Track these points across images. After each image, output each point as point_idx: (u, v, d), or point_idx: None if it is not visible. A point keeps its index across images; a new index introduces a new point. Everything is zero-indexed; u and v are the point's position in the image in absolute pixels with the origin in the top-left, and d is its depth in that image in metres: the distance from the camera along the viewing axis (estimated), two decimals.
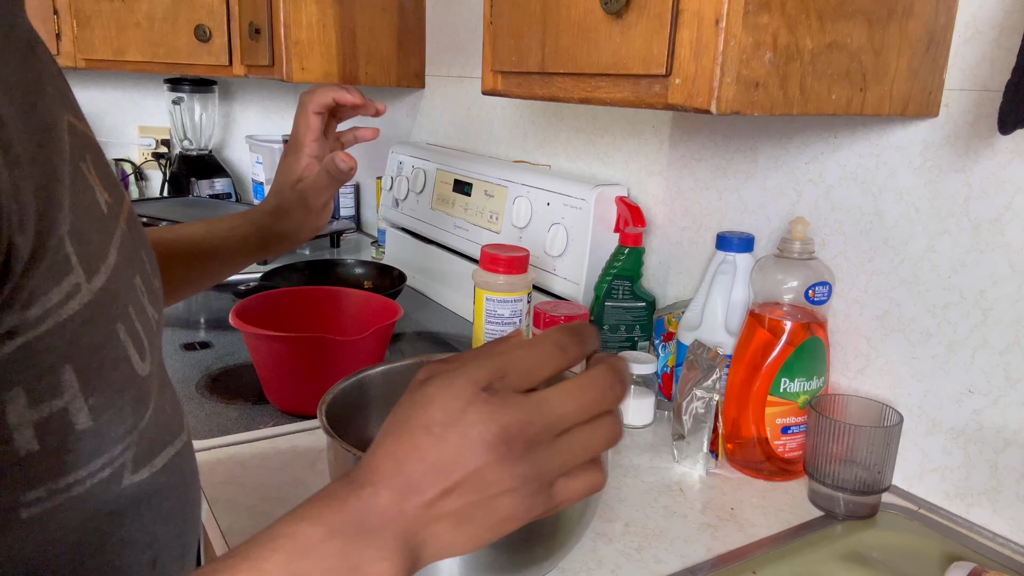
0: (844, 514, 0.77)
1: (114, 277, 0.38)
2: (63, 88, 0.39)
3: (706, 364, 0.84)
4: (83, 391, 0.36)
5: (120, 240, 0.40)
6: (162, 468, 0.44)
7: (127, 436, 0.40)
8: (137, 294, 0.41)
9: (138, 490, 0.42)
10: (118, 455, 0.39)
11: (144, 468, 0.42)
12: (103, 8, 1.60)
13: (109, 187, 0.41)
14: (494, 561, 0.59)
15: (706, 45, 0.57)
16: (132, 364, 0.39)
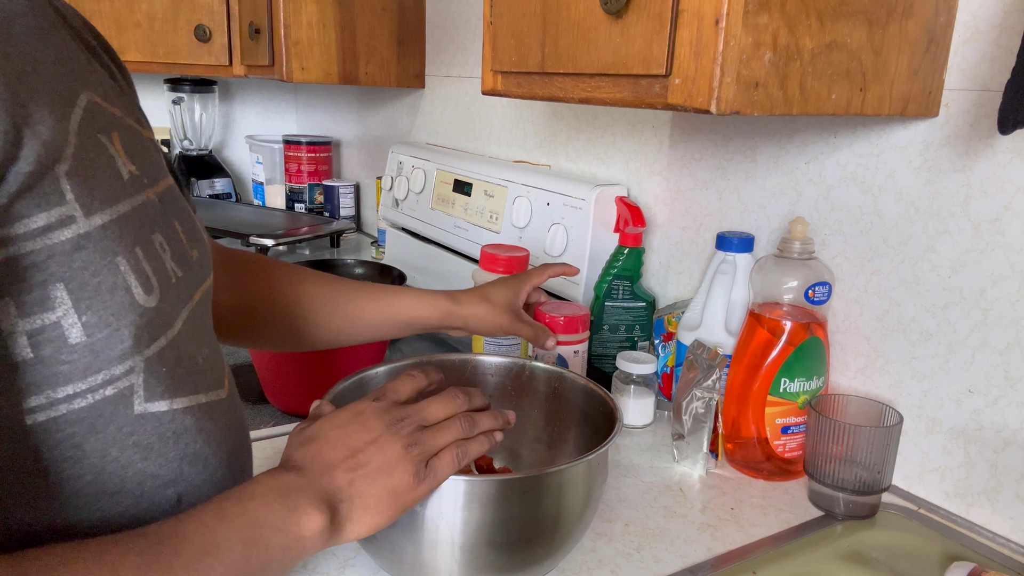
0: (844, 514, 0.77)
1: (121, 223, 0.44)
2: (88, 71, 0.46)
3: (706, 364, 0.84)
4: (76, 308, 0.41)
5: (142, 203, 0.47)
6: (187, 409, 0.48)
7: (127, 359, 0.44)
8: (154, 247, 0.47)
9: (158, 423, 0.46)
10: (120, 376, 0.43)
11: (161, 401, 0.46)
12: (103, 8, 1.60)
13: (141, 164, 0.48)
14: (494, 561, 0.59)
15: (706, 45, 0.57)
16: (132, 294, 0.44)
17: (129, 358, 0.44)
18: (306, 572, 0.65)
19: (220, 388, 0.53)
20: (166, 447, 0.47)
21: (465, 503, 0.57)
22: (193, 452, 0.49)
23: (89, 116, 0.44)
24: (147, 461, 0.46)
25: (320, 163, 2.09)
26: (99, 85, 0.47)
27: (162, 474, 0.47)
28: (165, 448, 0.47)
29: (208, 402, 0.51)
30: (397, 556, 0.60)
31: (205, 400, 0.51)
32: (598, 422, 0.71)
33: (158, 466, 0.47)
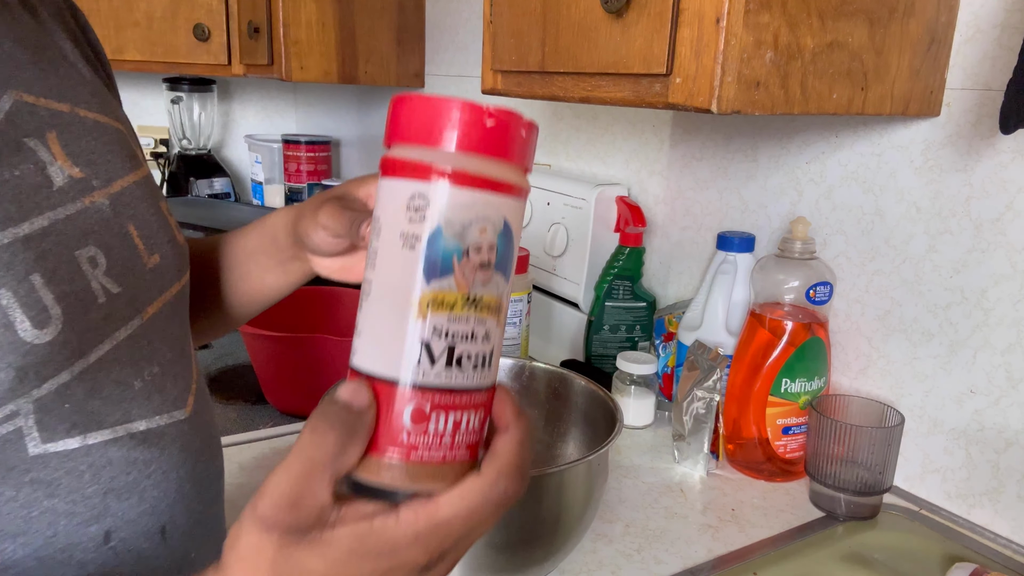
0: (845, 515, 0.76)
1: (20, 245, 0.39)
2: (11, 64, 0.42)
3: (707, 364, 0.84)
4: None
5: (75, 212, 0.42)
6: (112, 441, 0.43)
7: (6, 403, 0.39)
8: (75, 264, 0.41)
9: (66, 459, 0.41)
10: (2, 420, 0.39)
11: (68, 438, 0.42)
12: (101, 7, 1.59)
13: (90, 163, 0.44)
14: (494, 562, 0.59)
15: (707, 44, 0.57)
16: (14, 331, 0.38)
17: (9, 402, 0.39)
18: None
19: (178, 408, 0.48)
20: (80, 483, 0.42)
21: None
22: (124, 485, 0.44)
23: (10, 120, 0.40)
24: (55, 499, 0.41)
25: (319, 163, 2.09)
26: (38, 80, 0.43)
27: (79, 511, 0.42)
28: (79, 484, 0.42)
29: (152, 428, 0.46)
30: None
31: (146, 427, 0.45)
32: (598, 422, 0.71)
33: (71, 503, 0.42)
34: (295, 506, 0.31)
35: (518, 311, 1.01)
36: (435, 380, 0.33)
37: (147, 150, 2.13)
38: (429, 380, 0.32)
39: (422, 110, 0.33)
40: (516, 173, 0.34)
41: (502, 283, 0.34)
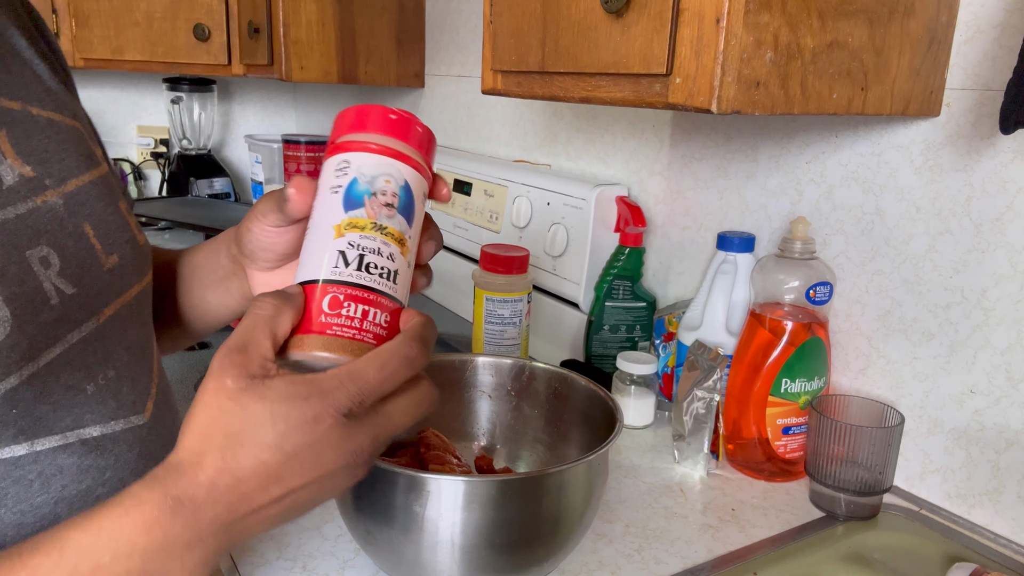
0: (845, 515, 0.76)
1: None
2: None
3: (707, 364, 0.84)
4: None
5: (26, 212, 0.41)
6: (63, 447, 0.42)
7: None
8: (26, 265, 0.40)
9: (13, 467, 0.40)
10: None
11: (15, 444, 0.40)
12: (102, 7, 1.59)
13: (43, 161, 0.43)
14: (494, 562, 0.59)
15: (707, 44, 0.57)
16: None
17: None
18: (305, 573, 0.65)
19: (136, 414, 0.47)
20: (29, 492, 0.41)
21: (465, 504, 0.56)
22: (76, 493, 0.43)
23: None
24: (2, 509, 0.40)
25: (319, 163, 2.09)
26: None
27: (28, 522, 0.41)
28: (27, 493, 0.41)
29: (107, 434, 0.44)
30: (397, 557, 0.60)
31: (100, 433, 0.44)
32: (598, 422, 0.71)
33: (19, 513, 0.41)
34: (242, 351, 0.39)
35: (518, 311, 1.01)
36: (348, 278, 0.43)
37: (147, 150, 2.13)
38: (343, 277, 0.43)
39: (351, 113, 0.46)
40: (412, 150, 0.46)
41: (404, 225, 0.45)
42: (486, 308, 1.00)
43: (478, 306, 1.01)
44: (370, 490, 0.58)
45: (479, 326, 1.01)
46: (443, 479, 0.58)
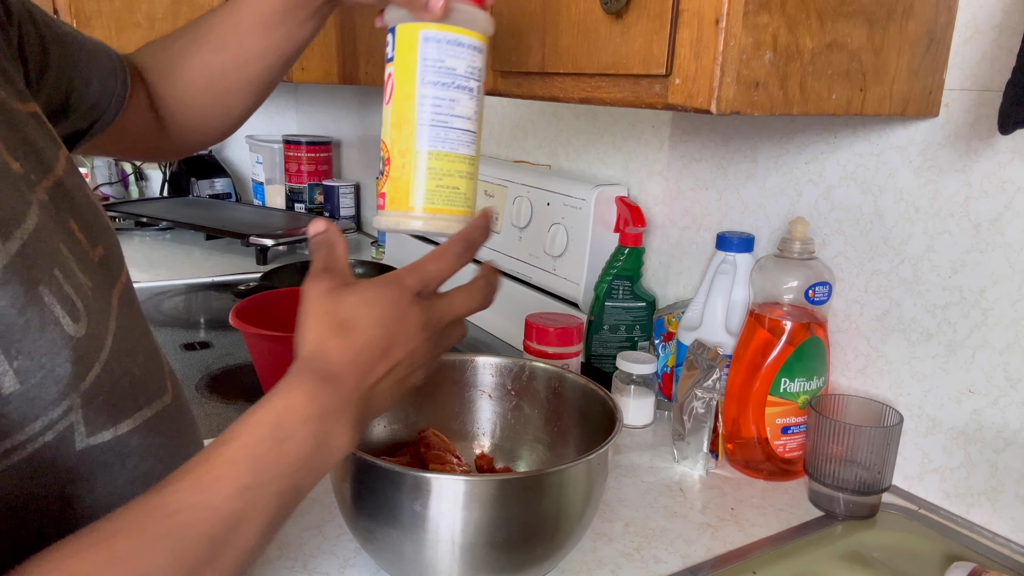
0: (844, 514, 0.77)
1: (35, 239, 0.39)
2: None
3: (706, 364, 0.84)
4: (6, 355, 0.37)
5: (40, 207, 0.42)
6: (132, 431, 0.45)
7: (65, 398, 0.39)
8: (66, 261, 0.42)
9: (101, 453, 0.42)
10: (59, 418, 0.39)
11: (105, 431, 0.42)
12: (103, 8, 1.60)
13: (25, 155, 0.42)
14: (494, 561, 0.59)
15: (706, 45, 0.57)
16: (62, 326, 0.39)
17: (66, 397, 0.39)
18: (306, 572, 0.65)
19: (163, 394, 0.49)
20: (110, 475, 0.43)
21: (465, 503, 0.57)
22: (143, 473, 0.45)
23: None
24: (93, 494, 0.42)
25: (320, 163, 2.09)
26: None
27: (113, 504, 0.42)
28: (110, 477, 0.43)
29: (154, 415, 0.47)
30: (397, 556, 0.60)
31: (151, 413, 0.47)
32: (598, 422, 0.71)
33: (107, 496, 0.43)
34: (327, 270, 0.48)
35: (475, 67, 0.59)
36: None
37: None
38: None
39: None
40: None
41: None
42: (423, 55, 0.54)
43: (406, 54, 0.55)
44: (370, 490, 0.59)
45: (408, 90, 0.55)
46: (443, 479, 0.58)
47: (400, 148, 0.54)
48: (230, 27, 0.63)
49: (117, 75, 0.62)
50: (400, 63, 0.54)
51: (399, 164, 0.54)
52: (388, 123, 0.54)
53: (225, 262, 1.70)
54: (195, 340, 1.25)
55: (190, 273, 1.59)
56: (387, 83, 0.54)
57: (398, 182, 0.54)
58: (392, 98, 0.54)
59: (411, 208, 0.54)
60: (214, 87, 0.66)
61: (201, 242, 1.87)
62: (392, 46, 0.55)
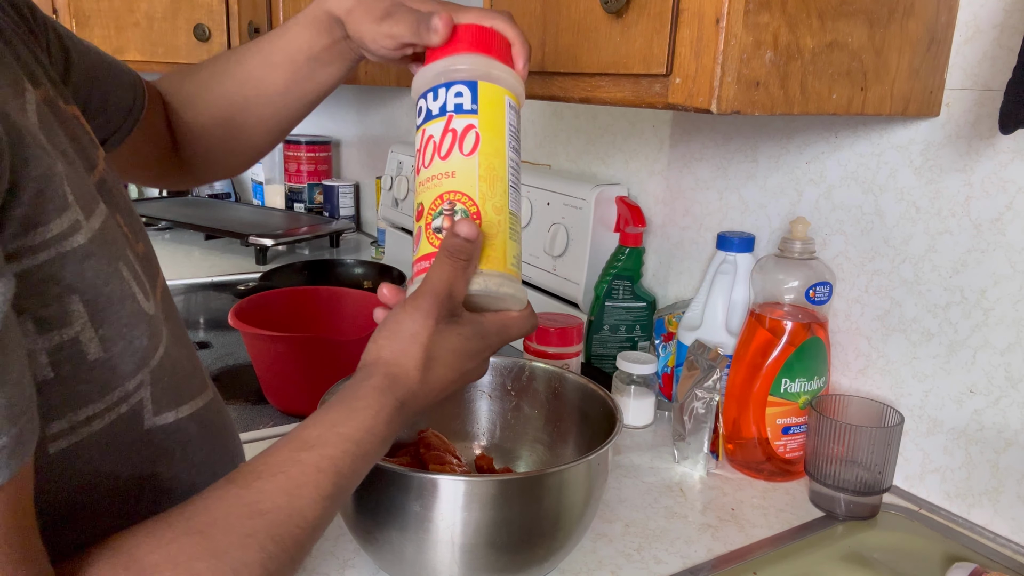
0: (845, 515, 0.76)
1: (108, 223, 0.41)
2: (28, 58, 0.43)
3: (706, 364, 0.84)
4: (92, 322, 0.38)
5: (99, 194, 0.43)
6: (189, 416, 0.46)
7: (139, 371, 0.41)
8: (128, 243, 0.44)
9: (166, 435, 0.44)
10: (132, 391, 0.41)
11: (168, 412, 0.44)
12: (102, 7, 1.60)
13: (76, 152, 0.43)
14: (495, 561, 0.59)
15: (707, 44, 0.57)
16: (138, 301, 0.41)
17: (139, 371, 0.41)
18: (306, 573, 0.65)
19: (206, 388, 0.51)
20: (172, 460, 0.44)
21: (465, 503, 0.57)
22: (200, 461, 0.47)
23: (40, 108, 0.40)
24: (159, 475, 0.43)
25: (319, 163, 2.09)
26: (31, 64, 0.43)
27: (176, 487, 0.44)
28: (171, 462, 0.44)
29: (203, 405, 0.49)
30: (397, 556, 0.60)
31: (202, 404, 0.48)
32: (598, 422, 0.71)
33: (171, 477, 0.44)
34: (449, 298, 0.51)
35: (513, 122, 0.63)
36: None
37: None
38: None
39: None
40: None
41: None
42: (508, 120, 0.55)
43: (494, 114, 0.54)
44: (370, 490, 0.58)
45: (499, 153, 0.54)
46: (443, 479, 0.58)
47: (495, 204, 0.53)
48: (257, 63, 0.65)
49: (136, 92, 0.63)
50: (487, 119, 0.54)
51: (494, 221, 0.53)
52: (473, 174, 0.53)
53: (224, 262, 1.70)
54: (194, 340, 1.25)
55: (189, 273, 1.59)
56: (463, 134, 0.53)
57: (494, 240, 0.53)
58: (479, 152, 0.53)
59: (508, 270, 0.54)
60: (234, 119, 0.68)
61: (200, 242, 1.87)
62: (474, 99, 0.53)
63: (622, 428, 0.65)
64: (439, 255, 0.51)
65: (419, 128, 0.56)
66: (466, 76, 0.53)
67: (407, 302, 0.51)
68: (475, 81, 0.53)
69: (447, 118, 0.54)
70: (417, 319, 0.50)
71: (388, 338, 0.50)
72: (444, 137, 0.53)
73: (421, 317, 0.50)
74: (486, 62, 0.54)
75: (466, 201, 0.53)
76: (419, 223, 0.55)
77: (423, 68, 0.56)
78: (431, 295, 0.50)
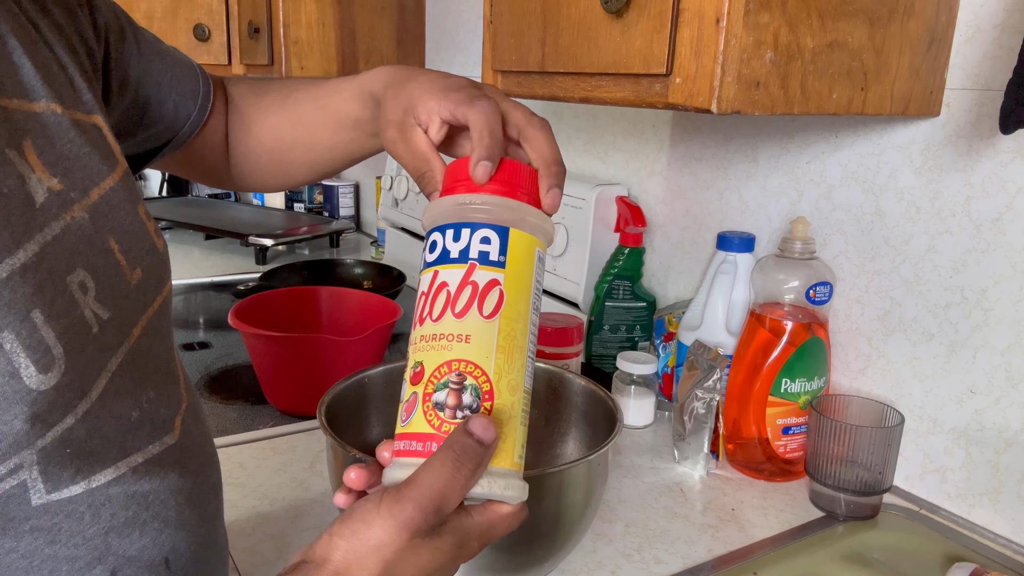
0: (845, 515, 0.76)
1: (18, 278, 0.36)
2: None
3: (707, 364, 0.84)
4: None
5: (61, 232, 0.38)
6: (114, 480, 0.42)
7: (12, 456, 0.36)
8: (67, 292, 0.38)
9: (69, 504, 0.40)
10: (4, 475, 0.36)
11: (73, 485, 0.40)
12: None
13: (67, 171, 0.40)
14: (495, 562, 0.59)
15: (707, 44, 0.57)
16: (20, 378, 0.35)
17: (14, 455, 0.36)
18: None
19: (167, 433, 0.46)
20: (80, 525, 0.40)
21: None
22: (123, 521, 0.42)
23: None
24: (56, 545, 0.40)
25: None
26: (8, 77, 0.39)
27: (81, 555, 0.40)
28: (79, 527, 0.40)
29: (149, 459, 0.44)
30: None
31: (143, 459, 0.43)
32: (598, 422, 0.71)
33: (73, 547, 0.40)
34: (436, 514, 0.39)
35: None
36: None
37: None
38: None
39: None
40: None
41: None
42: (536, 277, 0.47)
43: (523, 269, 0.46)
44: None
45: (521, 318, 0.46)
46: None
47: (510, 382, 0.43)
48: (312, 110, 0.65)
49: (198, 97, 0.63)
50: (515, 275, 0.44)
51: (508, 404, 0.43)
52: (491, 344, 0.43)
53: (224, 262, 1.70)
54: (194, 340, 1.25)
55: (189, 273, 1.59)
56: (485, 291, 0.43)
57: (504, 428, 0.42)
58: (501, 315, 0.43)
59: (514, 465, 0.43)
60: (279, 154, 0.68)
61: (200, 242, 1.87)
62: (502, 250, 0.44)
63: (622, 428, 0.65)
64: (440, 454, 0.40)
65: (429, 267, 0.45)
66: (496, 220, 0.44)
67: (384, 501, 0.39)
68: (507, 228, 0.44)
69: (468, 267, 0.44)
70: (388, 529, 0.39)
71: (347, 539, 0.39)
72: (461, 290, 0.43)
73: (394, 528, 0.39)
74: (521, 207, 0.45)
75: (479, 376, 0.42)
76: (415, 387, 0.43)
77: (443, 197, 0.46)
78: (415, 505, 0.39)
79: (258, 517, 0.73)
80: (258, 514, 0.73)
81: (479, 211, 0.44)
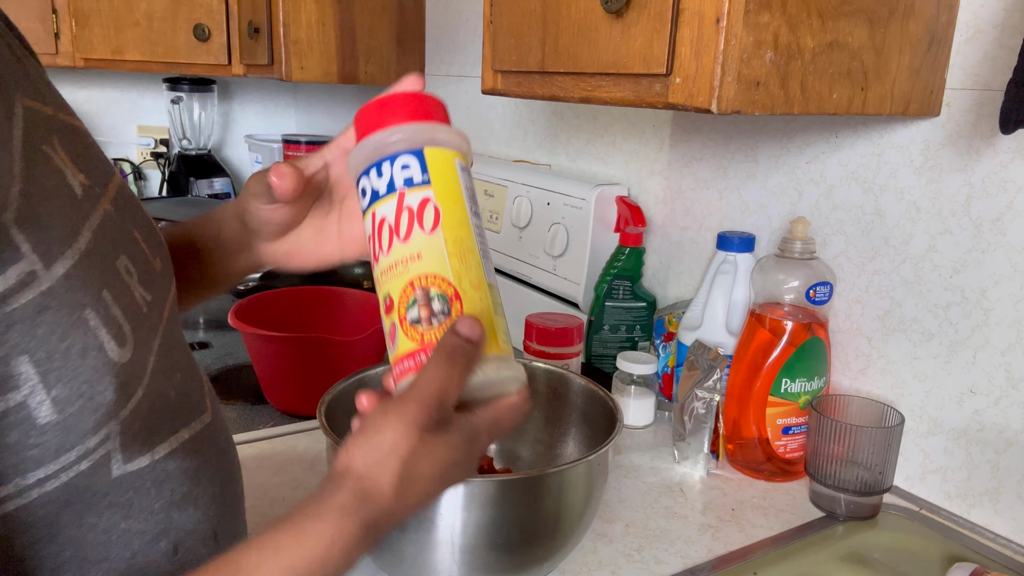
0: (845, 515, 0.76)
1: (85, 262, 0.38)
2: (17, 70, 0.40)
3: (707, 364, 0.84)
4: (44, 382, 0.36)
5: (100, 221, 0.41)
6: (169, 454, 0.44)
7: (103, 427, 0.39)
8: (120, 276, 0.41)
9: (138, 478, 0.42)
10: (95, 447, 0.39)
11: (143, 456, 0.42)
12: (102, 7, 1.59)
13: (88, 168, 0.42)
14: (494, 561, 0.59)
15: (707, 44, 0.57)
16: (105, 352, 0.38)
17: (104, 426, 0.39)
18: None
19: (202, 413, 0.48)
20: (148, 500, 0.43)
21: (465, 504, 0.56)
22: (181, 496, 0.45)
23: (30, 127, 0.37)
24: (130, 519, 0.42)
25: None
26: (25, 78, 0.40)
27: (149, 529, 0.43)
28: (147, 501, 0.42)
29: (191, 436, 0.46)
30: (397, 557, 0.60)
31: (188, 435, 0.46)
32: (598, 422, 0.71)
33: (143, 521, 0.42)
34: (440, 407, 0.43)
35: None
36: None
37: (147, 150, 2.13)
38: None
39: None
40: None
41: None
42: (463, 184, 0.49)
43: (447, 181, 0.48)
44: None
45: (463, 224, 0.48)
46: None
47: (471, 280, 0.46)
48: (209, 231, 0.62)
49: None
50: (442, 188, 0.47)
51: (475, 299, 0.46)
52: (442, 252, 0.46)
53: None
54: (194, 340, 1.25)
55: None
56: (420, 210, 0.46)
57: (483, 321, 0.46)
58: (443, 225, 0.46)
59: (501, 349, 0.46)
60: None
61: None
62: (423, 169, 0.47)
63: (622, 428, 0.65)
64: (434, 357, 0.43)
65: (366, 212, 0.48)
66: (409, 145, 0.47)
67: (390, 407, 0.43)
68: (420, 149, 0.47)
69: (398, 195, 0.47)
70: (399, 429, 0.42)
71: (363, 447, 0.43)
72: (399, 217, 0.47)
73: (404, 427, 0.42)
74: (427, 127, 0.48)
75: (441, 283, 0.46)
76: (390, 317, 0.46)
77: (357, 146, 0.49)
78: (419, 402, 0.42)
79: (258, 517, 0.73)
80: (258, 514, 0.73)
81: (392, 144, 0.48)
